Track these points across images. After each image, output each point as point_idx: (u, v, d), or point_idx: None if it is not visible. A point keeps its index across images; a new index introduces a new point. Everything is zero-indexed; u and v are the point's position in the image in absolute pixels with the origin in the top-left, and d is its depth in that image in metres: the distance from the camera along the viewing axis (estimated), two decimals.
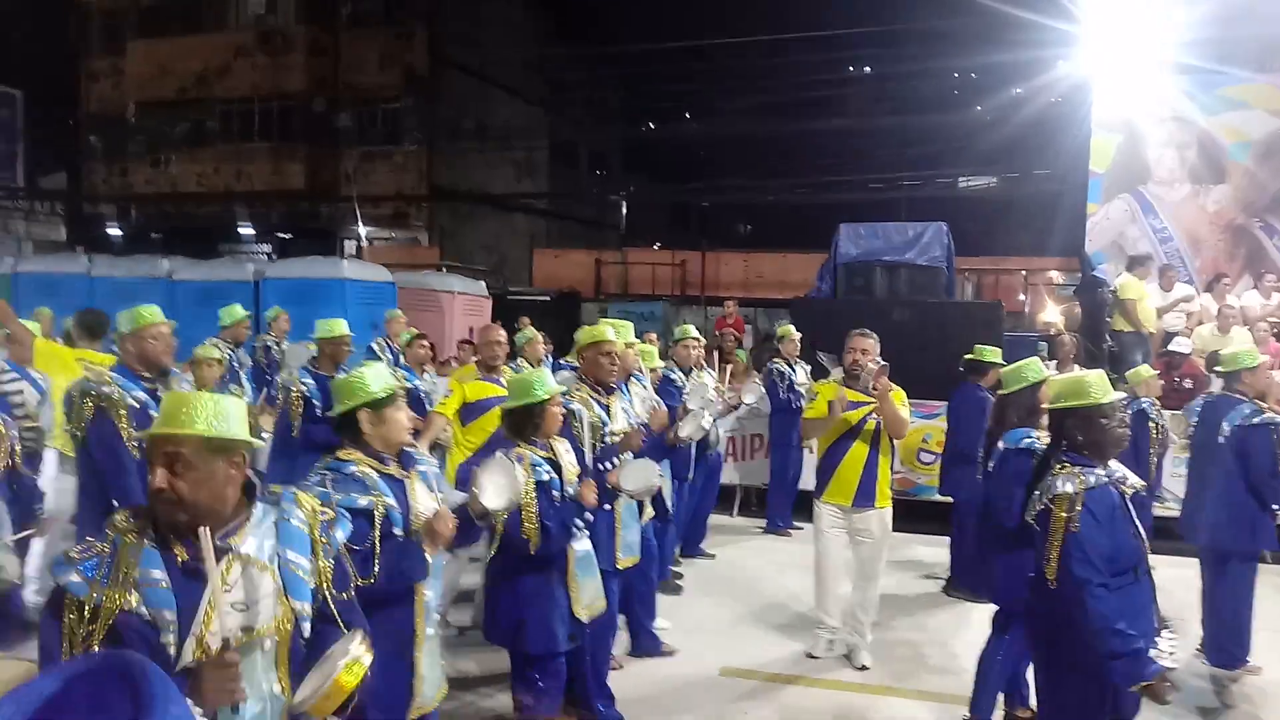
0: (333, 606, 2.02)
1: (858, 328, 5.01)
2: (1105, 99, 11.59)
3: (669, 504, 5.47)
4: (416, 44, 22.33)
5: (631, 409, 4.47)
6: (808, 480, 8.27)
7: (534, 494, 3.28)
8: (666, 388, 5.99)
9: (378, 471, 2.67)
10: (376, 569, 2.52)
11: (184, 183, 23.68)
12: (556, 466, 3.43)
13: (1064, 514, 2.74)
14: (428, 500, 2.76)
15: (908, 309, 8.84)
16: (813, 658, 5.14)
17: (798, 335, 7.94)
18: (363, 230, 22.24)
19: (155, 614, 1.79)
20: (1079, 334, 9.25)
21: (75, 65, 24.82)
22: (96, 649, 1.74)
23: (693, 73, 23.64)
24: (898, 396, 4.80)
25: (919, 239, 9.76)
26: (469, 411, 5.28)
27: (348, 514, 2.14)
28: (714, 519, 7.68)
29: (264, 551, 1.93)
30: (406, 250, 21.31)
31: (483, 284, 13.96)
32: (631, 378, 4.92)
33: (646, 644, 5.02)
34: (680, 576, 6.48)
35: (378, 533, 2.57)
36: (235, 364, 6.88)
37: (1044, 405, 3.44)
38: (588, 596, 3.56)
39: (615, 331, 4.44)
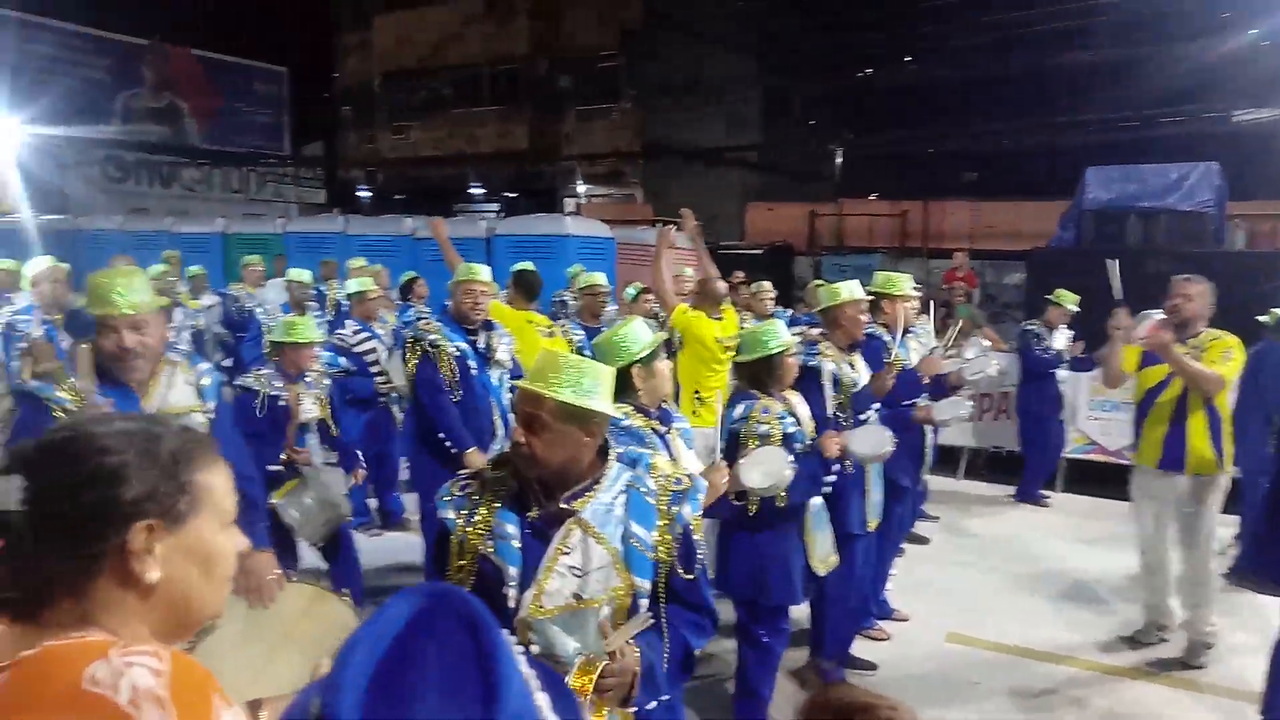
0: (670, 583, 1.98)
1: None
2: None
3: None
4: (632, 1, 22.54)
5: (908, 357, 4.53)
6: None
7: (781, 445, 3.26)
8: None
9: (645, 426, 2.74)
10: None
11: (422, 148, 25.46)
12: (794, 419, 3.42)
13: None
14: (689, 458, 2.84)
15: (1166, 260, 7.95)
16: (1136, 641, 4.77)
17: (1073, 306, 7.25)
18: (581, 188, 22.99)
19: (502, 565, 1.90)
20: None
21: (331, 42, 27.21)
22: (467, 584, 1.91)
23: (914, 12, 22.25)
24: (1217, 346, 4.30)
25: (1183, 181, 8.73)
26: None
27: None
28: (938, 482, 7.38)
29: (609, 520, 1.93)
30: (620, 207, 21.80)
31: None
32: (908, 331, 4.79)
33: (878, 608, 4.92)
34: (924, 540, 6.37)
35: None
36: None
37: None
38: (823, 550, 3.53)
39: (890, 282, 4.61)
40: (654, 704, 1.94)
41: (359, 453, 5.04)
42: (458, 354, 4.17)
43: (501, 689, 0.78)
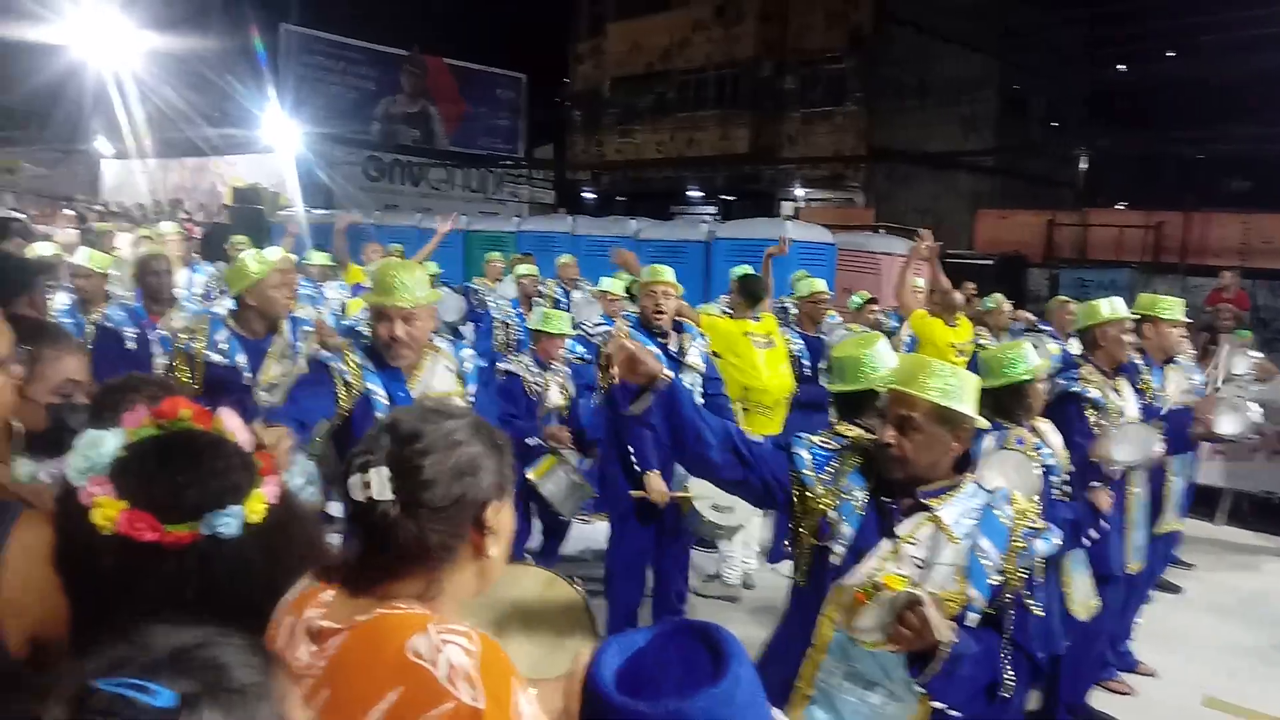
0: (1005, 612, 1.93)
1: None
2: None
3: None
4: (862, 2, 21.99)
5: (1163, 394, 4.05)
6: None
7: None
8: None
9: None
10: None
11: (645, 150, 26.14)
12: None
13: None
14: None
15: None
16: None
17: None
18: (799, 191, 22.70)
19: (837, 523, 1.98)
20: None
21: (565, 49, 28.56)
22: (805, 545, 2.03)
23: (1176, 1, 20.10)
24: None
25: None
26: None
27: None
28: (1194, 526, 6.62)
29: (960, 526, 1.92)
30: (840, 212, 21.29)
31: None
32: (1170, 361, 4.32)
33: (1119, 659, 4.51)
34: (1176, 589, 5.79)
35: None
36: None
37: None
38: (1081, 594, 3.26)
39: (1158, 305, 4.13)
40: (956, 713, 1.88)
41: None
42: None
43: (728, 669, 0.91)
